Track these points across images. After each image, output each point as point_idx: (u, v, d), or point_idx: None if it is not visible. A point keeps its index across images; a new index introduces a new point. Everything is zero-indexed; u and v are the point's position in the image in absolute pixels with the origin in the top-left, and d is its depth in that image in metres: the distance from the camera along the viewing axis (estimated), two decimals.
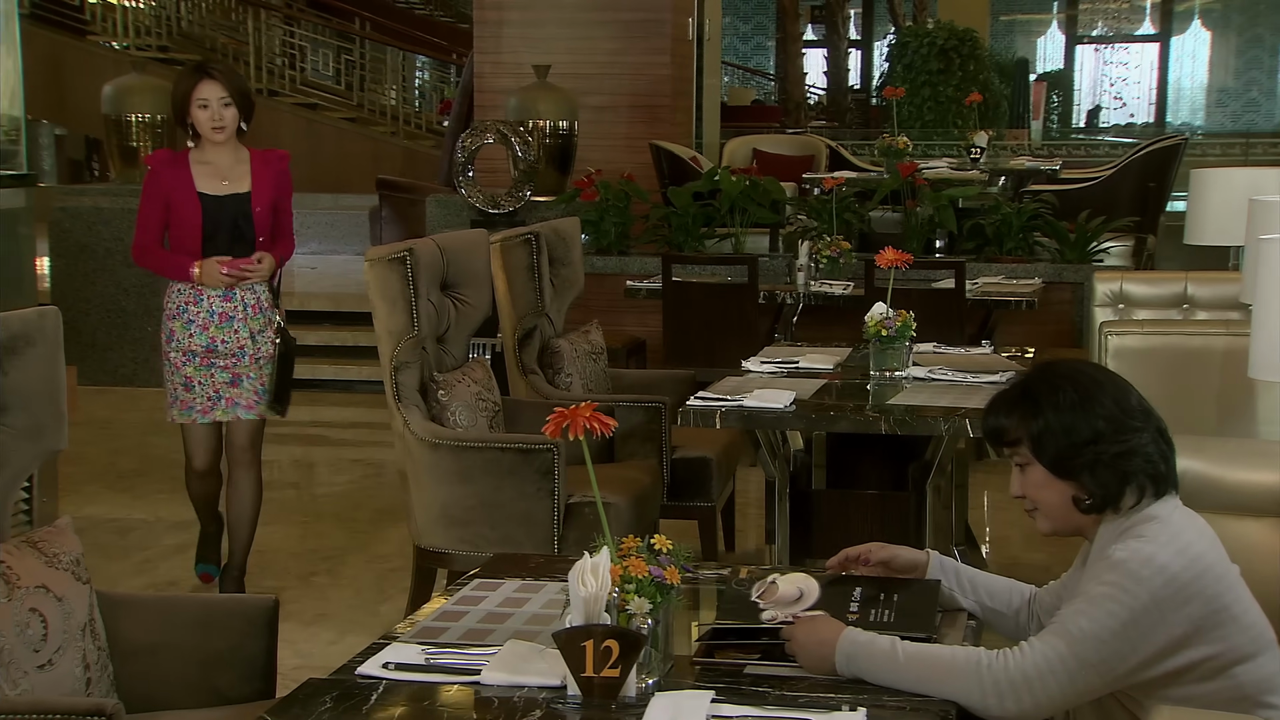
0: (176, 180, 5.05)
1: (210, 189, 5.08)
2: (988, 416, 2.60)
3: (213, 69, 5.08)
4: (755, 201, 7.78)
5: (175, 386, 5.11)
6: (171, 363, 5.10)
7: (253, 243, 5.10)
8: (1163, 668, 2.36)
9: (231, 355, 5.09)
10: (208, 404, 5.11)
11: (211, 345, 5.07)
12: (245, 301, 5.11)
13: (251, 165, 5.13)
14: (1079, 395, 2.47)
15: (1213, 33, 31.69)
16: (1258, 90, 31.05)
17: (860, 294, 6.77)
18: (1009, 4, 28.21)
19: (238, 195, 5.09)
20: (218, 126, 5.01)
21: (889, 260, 4.87)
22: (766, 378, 4.85)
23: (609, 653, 2.36)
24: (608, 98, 9.53)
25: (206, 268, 5.04)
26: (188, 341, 5.07)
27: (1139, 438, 2.45)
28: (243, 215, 5.08)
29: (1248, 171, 5.76)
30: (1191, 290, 5.39)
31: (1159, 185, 8.72)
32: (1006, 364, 4.99)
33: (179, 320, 5.08)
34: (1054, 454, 2.48)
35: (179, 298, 5.09)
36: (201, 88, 5.00)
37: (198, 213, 5.04)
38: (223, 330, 5.09)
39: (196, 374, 5.09)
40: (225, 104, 5.01)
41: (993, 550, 5.95)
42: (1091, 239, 7.47)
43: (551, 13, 9.75)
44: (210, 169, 5.09)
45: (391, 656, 2.55)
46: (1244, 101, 30.99)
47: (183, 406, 5.12)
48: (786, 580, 2.70)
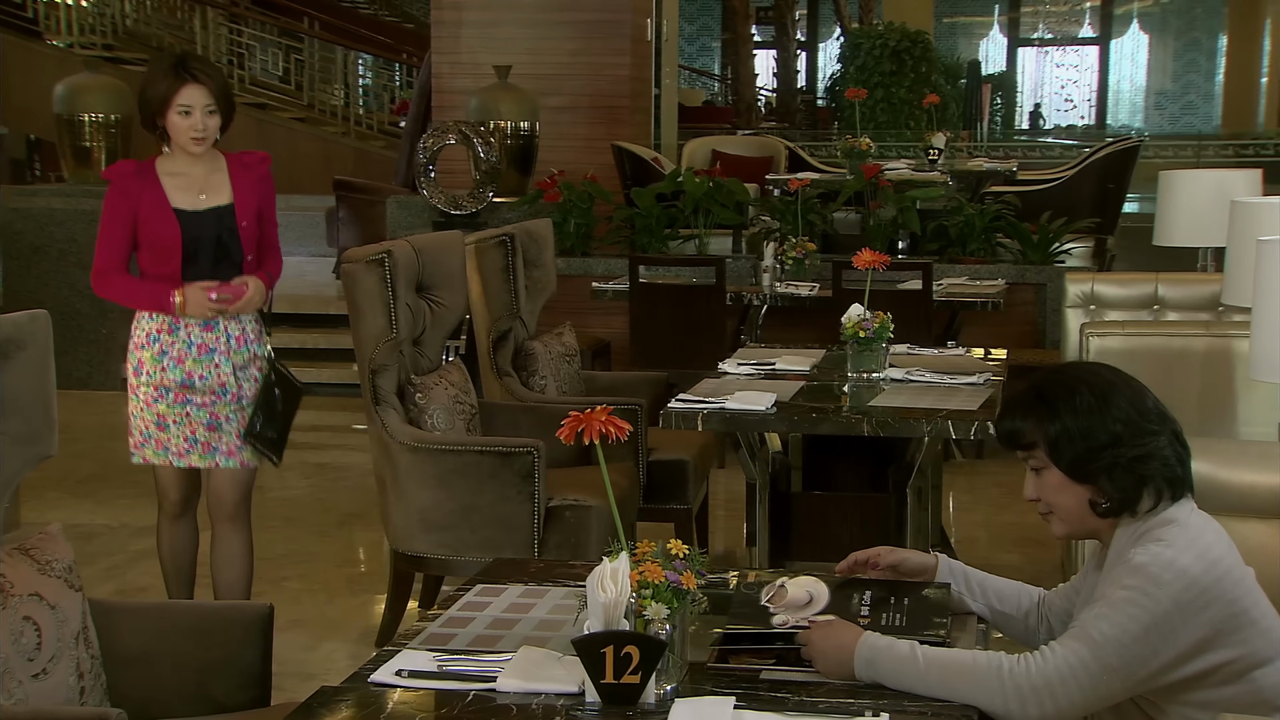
0: (146, 195, 4.32)
1: (186, 203, 4.33)
2: (1002, 419, 2.60)
3: (195, 69, 4.30)
4: (719, 203, 7.78)
5: (145, 424, 4.40)
6: (140, 399, 4.39)
7: (240, 263, 4.40)
8: (1183, 672, 2.36)
9: (210, 393, 4.37)
10: (184, 445, 4.40)
11: (187, 381, 4.35)
12: (229, 332, 4.39)
13: (229, 172, 4.41)
14: (1095, 398, 2.47)
15: (1150, 36, 32.05)
16: (1195, 93, 31.43)
17: (828, 295, 6.78)
18: (952, 6, 28.41)
19: (219, 209, 4.36)
20: (199, 137, 4.29)
21: (867, 261, 4.88)
22: (744, 379, 4.85)
23: (629, 659, 2.34)
24: (567, 98, 9.51)
25: (192, 296, 4.29)
26: (160, 376, 4.35)
27: (1156, 441, 2.45)
28: (227, 231, 4.36)
29: (1215, 173, 5.81)
30: (1162, 291, 5.43)
31: (1117, 187, 8.80)
32: (983, 365, 5.01)
33: (149, 351, 4.36)
34: (1071, 458, 2.48)
35: (150, 324, 4.37)
36: (185, 92, 4.25)
37: (175, 232, 4.29)
38: (201, 364, 4.36)
39: (170, 412, 4.37)
40: (210, 111, 4.28)
41: (961, 552, 5.97)
42: (1053, 240, 7.52)
43: (510, 13, 9.72)
44: (183, 180, 4.36)
45: (404, 663, 2.52)
46: (1182, 104, 31.36)
47: (157, 446, 4.41)
48: (795, 584, 2.70)
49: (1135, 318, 5.37)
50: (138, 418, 4.42)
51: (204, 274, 4.34)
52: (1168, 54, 32.00)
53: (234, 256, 4.39)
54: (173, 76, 4.26)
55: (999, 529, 6.13)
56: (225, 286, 4.32)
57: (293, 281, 10.94)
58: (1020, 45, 29.51)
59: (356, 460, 7.63)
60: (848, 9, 21.59)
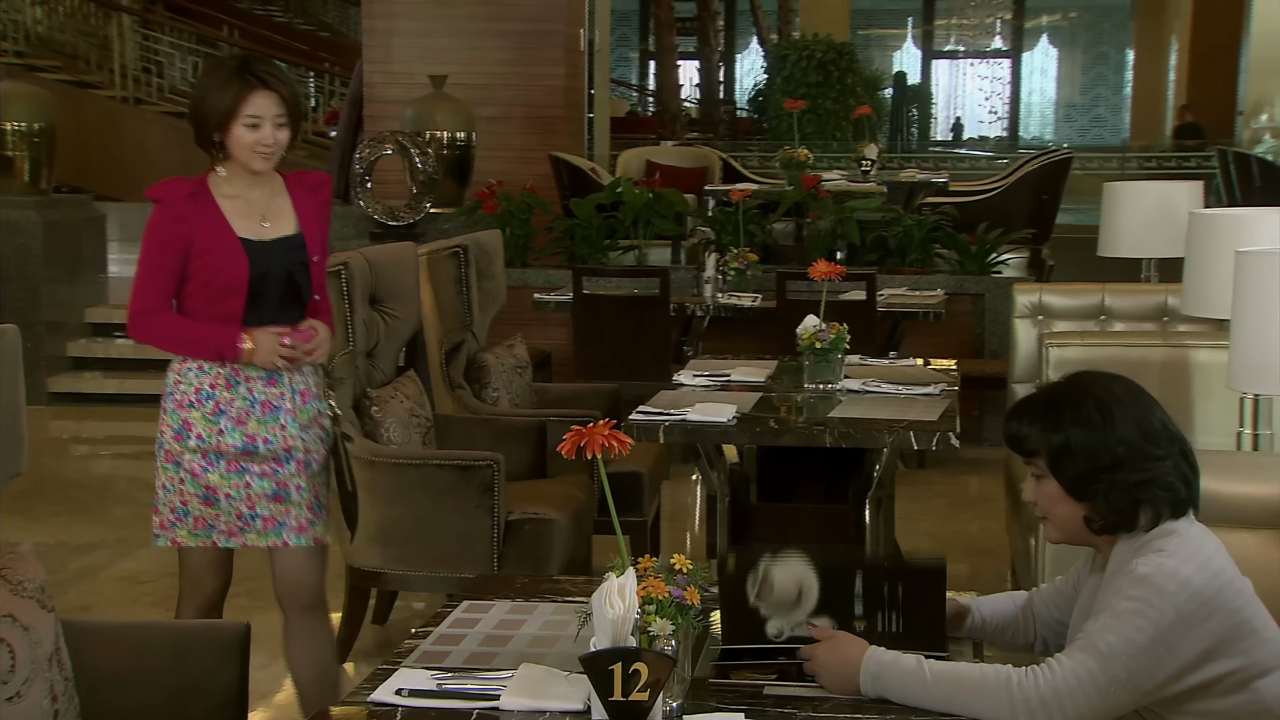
0: (204, 221, 3.57)
1: (250, 232, 3.60)
2: (1010, 421, 2.59)
3: (263, 73, 3.57)
4: (659, 213, 7.78)
5: (186, 499, 3.65)
6: (184, 467, 3.63)
7: (305, 304, 3.70)
8: (1187, 682, 2.37)
9: (274, 459, 3.67)
10: (236, 524, 3.67)
11: (249, 446, 3.64)
12: (294, 386, 3.69)
13: (291, 196, 3.70)
14: (1101, 415, 2.46)
15: (1060, 50, 32.58)
16: (1104, 106, 31.98)
17: (770, 306, 6.80)
18: (867, 19, 28.71)
19: (287, 239, 3.64)
20: (268, 152, 3.57)
21: (822, 272, 4.89)
22: (701, 391, 4.84)
23: (637, 676, 2.32)
24: (501, 108, 9.46)
25: (263, 342, 3.58)
26: (215, 440, 3.62)
27: (1160, 466, 2.44)
28: (298, 267, 3.64)
29: (1159, 185, 5.90)
30: (1109, 301, 5.50)
31: (1051, 198, 8.91)
32: (936, 376, 5.03)
33: (200, 410, 3.62)
34: (1072, 475, 2.48)
35: (201, 378, 3.62)
36: (253, 100, 3.53)
37: (242, 266, 3.57)
38: (265, 425, 3.65)
39: (224, 483, 3.64)
40: (280, 123, 3.56)
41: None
42: (991, 251, 7.60)
43: (443, 23, 9.66)
44: (242, 204, 3.62)
45: (402, 683, 2.49)
46: (1091, 116, 31.90)
47: (197, 525, 3.67)
48: (781, 570, 2.64)
49: (1082, 327, 5.43)
50: (172, 492, 3.66)
51: (269, 317, 3.62)
52: (1076, 67, 32.56)
53: (303, 296, 3.69)
54: (238, 82, 3.55)
55: (946, 539, 6.17)
56: (295, 332, 3.64)
57: None
58: (934, 58, 29.85)
59: None
60: (766, 21, 21.73)
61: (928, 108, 26.05)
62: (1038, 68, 32.01)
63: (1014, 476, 5.20)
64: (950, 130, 28.35)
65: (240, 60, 3.63)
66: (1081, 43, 32.63)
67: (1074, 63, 32.65)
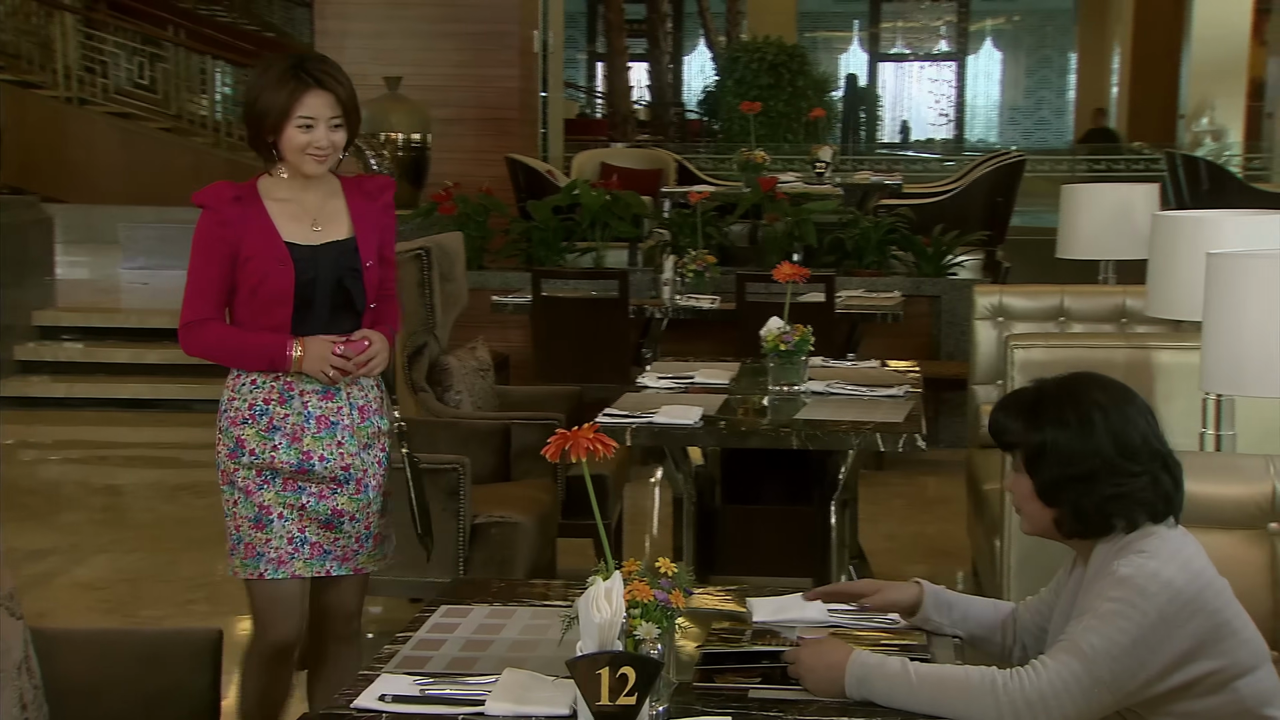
0: (250, 226, 3.39)
1: (298, 236, 3.41)
2: (997, 411, 2.58)
3: (318, 72, 3.39)
4: (616, 215, 7.77)
5: (239, 522, 3.46)
6: (238, 486, 3.44)
7: (360, 313, 3.50)
8: (1169, 683, 2.38)
9: (331, 480, 3.47)
10: (287, 549, 3.45)
11: (305, 463, 3.44)
12: (352, 400, 3.50)
13: (347, 199, 3.52)
14: (1081, 423, 2.45)
15: (1004, 53, 32.82)
16: (1048, 109, 32.24)
17: (730, 308, 6.81)
18: (814, 21, 28.80)
19: (338, 244, 3.45)
20: (320, 155, 3.40)
21: (787, 275, 4.89)
22: (665, 393, 4.83)
23: (624, 680, 2.31)
24: (455, 110, 9.43)
25: (313, 349, 3.40)
26: (269, 456, 3.42)
27: (1133, 482, 2.43)
28: (349, 273, 3.45)
29: (1116, 187, 5.94)
30: (1068, 303, 5.54)
31: (1005, 200, 8.97)
32: (900, 378, 5.05)
33: (254, 426, 3.43)
34: (1045, 479, 2.49)
35: (255, 393, 3.44)
36: (307, 101, 3.35)
37: (289, 273, 3.38)
38: (321, 442, 3.46)
39: (277, 502, 3.44)
40: (335, 125, 3.39)
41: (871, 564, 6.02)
42: (946, 253, 7.63)
43: (396, 24, 9.62)
44: (293, 208, 3.44)
45: (385, 688, 2.47)
46: (1035, 119, 32.15)
47: (247, 552, 3.46)
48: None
49: (1042, 329, 5.46)
50: (229, 516, 3.48)
51: (320, 326, 3.44)
52: (1020, 71, 32.81)
53: (355, 304, 3.49)
54: (293, 82, 3.37)
55: (905, 540, 6.19)
56: (348, 342, 3.45)
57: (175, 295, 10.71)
58: (881, 60, 29.99)
59: None
60: (714, 23, 21.78)
61: (875, 110, 26.15)
62: (982, 71, 32.24)
63: (976, 478, 5.23)
64: (898, 133, 28.49)
65: (295, 59, 3.43)
66: (1025, 46, 32.88)
67: (1018, 66, 32.90)
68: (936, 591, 2.77)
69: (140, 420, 8.61)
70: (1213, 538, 2.64)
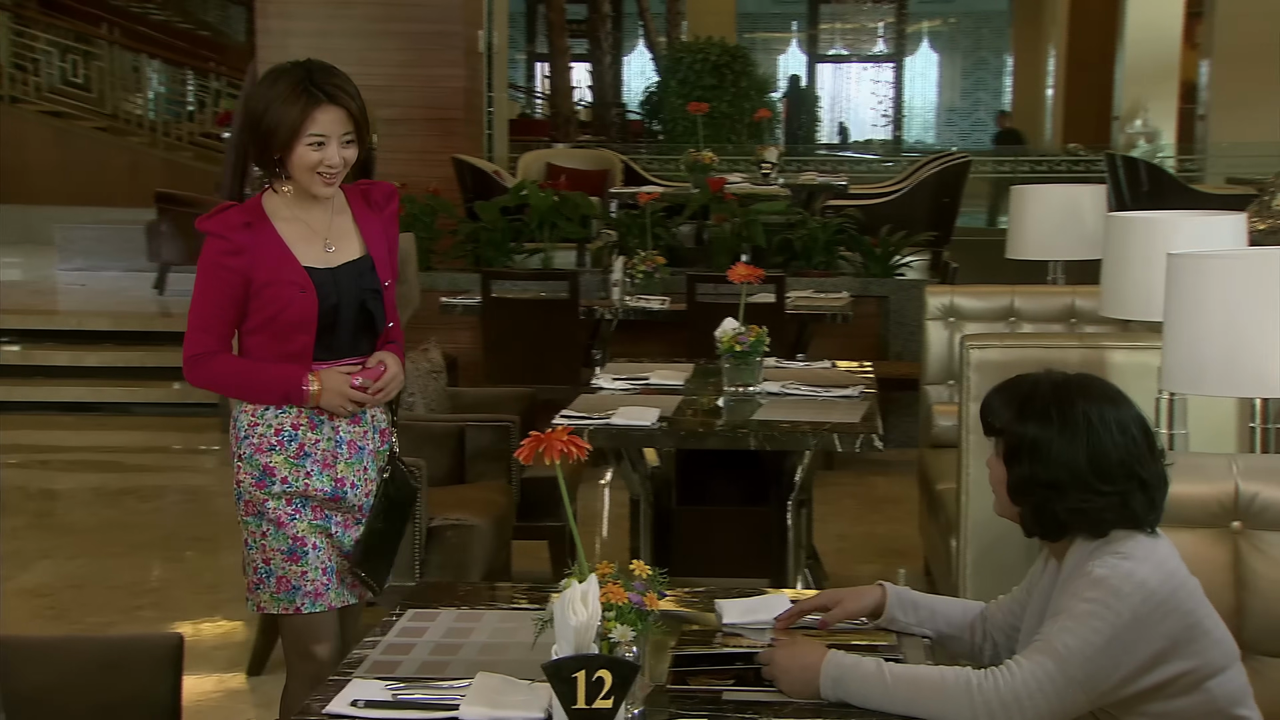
0: (263, 252, 3.18)
1: (314, 259, 3.23)
2: (994, 392, 2.57)
3: (329, 85, 3.18)
4: (564, 216, 7.75)
5: (270, 554, 3.27)
6: (269, 517, 3.25)
7: (378, 336, 3.35)
8: (1142, 684, 2.39)
9: (359, 508, 3.32)
10: (322, 580, 3.28)
11: (337, 491, 3.28)
12: (376, 424, 3.36)
13: (354, 213, 3.31)
14: (1063, 432, 2.44)
15: (941, 55, 33.05)
16: (984, 110, 32.49)
17: (680, 309, 6.81)
18: (753, 22, 28.88)
19: (355, 264, 3.28)
20: (330, 175, 3.21)
21: (742, 275, 4.89)
22: (620, 394, 4.82)
23: (601, 683, 2.30)
24: (400, 110, 9.35)
25: (330, 382, 3.23)
26: (302, 484, 3.25)
27: (1100, 500, 2.43)
28: (370, 295, 3.28)
29: (1064, 188, 5.99)
30: (1018, 304, 5.57)
31: (952, 201, 9.02)
32: (854, 379, 5.06)
33: (283, 453, 3.24)
34: (1016, 476, 2.50)
35: (280, 418, 3.25)
36: (318, 118, 3.15)
37: (311, 299, 3.20)
38: (353, 467, 3.30)
39: (310, 532, 3.27)
40: (347, 141, 3.21)
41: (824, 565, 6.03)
42: (894, 253, 7.67)
43: (339, 23, 9.53)
44: (301, 228, 3.24)
45: (357, 694, 2.44)
46: (972, 120, 32.39)
47: (280, 586, 3.28)
48: None
49: (992, 329, 5.49)
50: (254, 549, 3.28)
51: (342, 351, 3.27)
52: (957, 72, 33.05)
53: (377, 326, 3.32)
54: (304, 97, 3.15)
55: (858, 540, 6.21)
56: (364, 370, 3.29)
57: (114, 297, 10.64)
58: (819, 61, 30.11)
59: (190, 481, 7.43)
60: (654, 24, 21.77)
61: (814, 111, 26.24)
62: (920, 72, 32.45)
63: (929, 478, 5.25)
64: (836, 134, 28.61)
65: (304, 71, 3.20)
66: (962, 48, 33.12)
67: (954, 68, 33.15)
68: (900, 592, 2.77)
69: (80, 424, 8.49)
70: (1177, 537, 2.65)
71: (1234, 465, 2.83)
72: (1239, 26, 17.60)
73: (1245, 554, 2.81)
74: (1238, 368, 3.00)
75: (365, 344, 3.32)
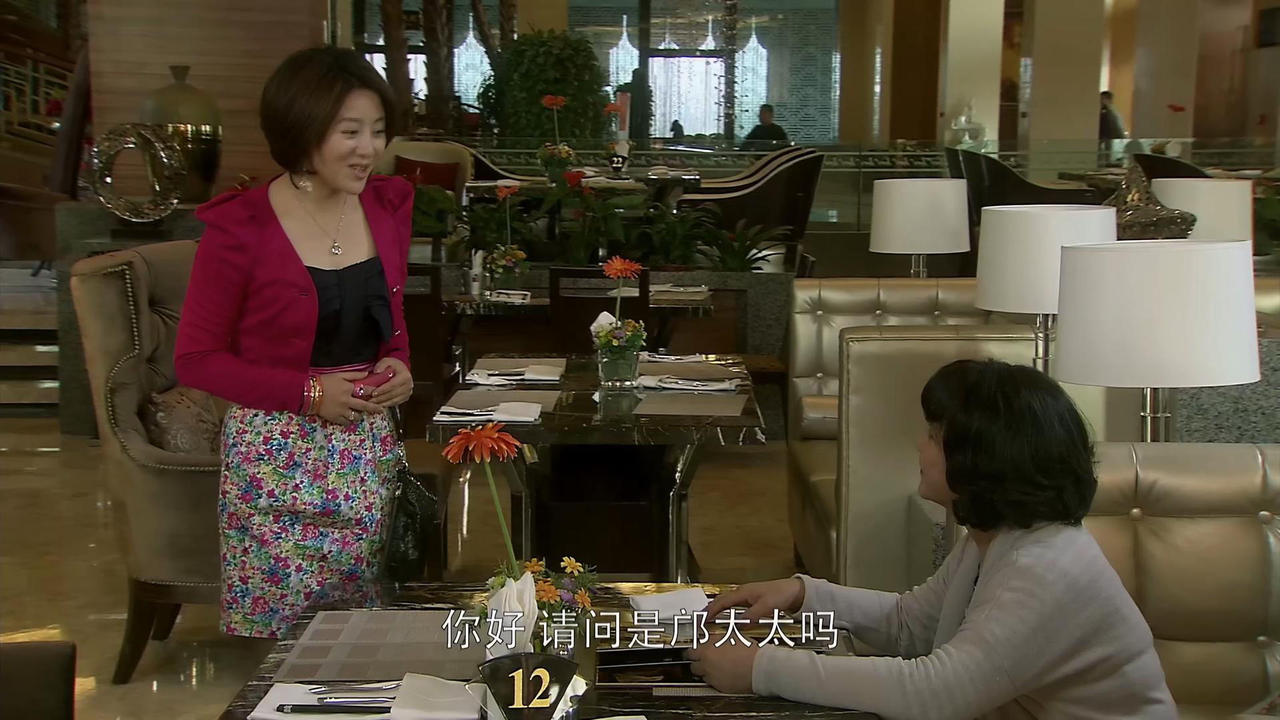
0: (266, 248, 2.98)
1: (319, 260, 3.03)
2: (938, 376, 2.59)
3: (358, 67, 3.00)
4: (420, 210, 7.65)
5: (249, 573, 3.10)
6: (252, 533, 3.08)
7: (386, 341, 3.18)
8: (1064, 670, 2.43)
9: (357, 523, 3.13)
10: (303, 605, 3.06)
11: (330, 504, 3.09)
12: (375, 432, 3.17)
13: (365, 212, 3.12)
14: (1008, 425, 2.47)
15: (769, 51, 33.47)
16: (813, 106, 33.00)
17: (542, 303, 6.77)
18: (584, 16, 28.89)
19: (362, 267, 3.08)
20: (363, 163, 3.01)
21: (619, 270, 4.87)
22: (497, 390, 4.78)
23: (538, 682, 2.27)
24: (244, 101, 9.07)
25: (331, 389, 3.04)
26: (290, 498, 3.07)
27: (1037, 495, 2.46)
28: (376, 301, 3.09)
29: (927, 183, 6.09)
30: (883, 296, 5.65)
31: (805, 195, 9.12)
32: (727, 372, 5.08)
33: (271, 463, 3.06)
34: (956, 464, 2.52)
35: (270, 425, 3.07)
36: (353, 102, 2.96)
37: (312, 303, 3.00)
38: (346, 478, 3.11)
39: (296, 554, 3.08)
40: (378, 129, 3.01)
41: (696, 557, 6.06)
42: (751, 247, 7.72)
43: (177, 10, 9.30)
44: (309, 225, 3.04)
45: (280, 699, 2.38)
46: (801, 116, 32.88)
47: (256, 608, 3.11)
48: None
49: (859, 322, 5.57)
50: (233, 564, 3.12)
51: (345, 357, 3.08)
52: (786, 68, 33.50)
53: (383, 334, 3.14)
54: (338, 83, 2.95)
55: (726, 533, 6.23)
56: (370, 377, 3.10)
57: None
58: (651, 56, 30.26)
59: (44, 485, 7.19)
60: (487, 16, 21.67)
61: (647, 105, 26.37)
62: (750, 68, 32.81)
63: (802, 470, 5.29)
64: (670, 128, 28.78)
65: (330, 56, 3.01)
66: (790, 44, 33.59)
67: (783, 63, 33.60)
68: (818, 585, 2.78)
69: None
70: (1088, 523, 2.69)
71: (1134, 454, 2.91)
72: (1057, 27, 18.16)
73: (1145, 540, 2.89)
74: (1132, 359, 3.07)
75: (367, 352, 3.13)
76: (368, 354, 3.13)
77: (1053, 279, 3.92)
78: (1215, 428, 3.84)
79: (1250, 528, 2.87)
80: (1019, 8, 19.72)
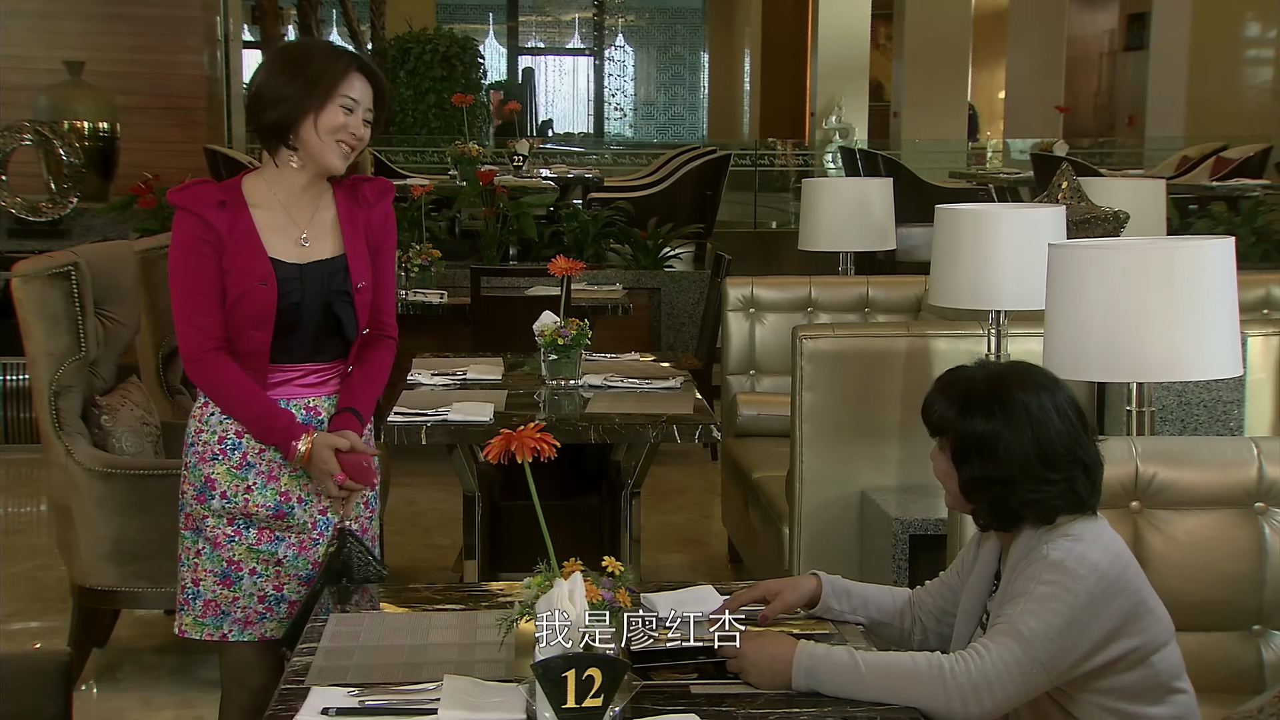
0: (234, 236, 2.95)
1: (284, 252, 3.00)
2: (935, 390, 2.62)
3: (363, 59, 3.07)
4: None
5: (201, 575, 3.05)
6: (205, 535, 3.04)
7: (349, 345, 3.11)
8: (1095, 662, 2.48)
9: (310, 525, 3.08)
10: (256, 609, 3.05)
11: (283, 506, 3.05)
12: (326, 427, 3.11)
13: (339, 210, 3.07)
14: (1009, 427, 2.50)
15: (636, 50, 33.55)
16: (681, 105, 33.14)
17: (460, 302, 6.73)
18: (451, 13, 28.72)
19: (326, 263, 3.04)
20: (353, 143, 3.00)
21: (563, 268, 4.87)
22: (442, 390, 4.74)
23: (591, 682, 2.27)
24: (139, 97, 8.98)
25: (320, 451, 2.99)
26: (242, 500, 3.03)
27: (1051, 489, 2.51)
28: (338, 297, 3.04)
29: (855, 181, 6.18)
30: (815, 294, 5.71)
31: (714, 194, 9.17)
32: (669, 371, 5.10)
33: (225, 463, 3.03)
34: (967, 476, 2.55)
35: (224, 425, 3.04)
36: (355, 81, 2.99)
37: (270, 294, 2.96)
38: (299, 480, 3.06)
39: (249, 558, 3.04)
40: (368, 118, 3.03)
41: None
42: (663, 245, 7.75)
43: (67, 4, 9.09)
44: (279, 217, 3.02)
45: (322, 702, 2.34)
46: (670, 115, 33.00)
47: (207, 610, 3.05)
48: None
49: (791, 320, 5.62)
50: (186, 566, 3.06)
51: (304, 353, 3.04)
52: (654, 67, 33.61)
53: (346, 332, 3.07)
54: (346, 56, 3.01)
55: (661, 530, 6.24)
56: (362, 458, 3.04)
57: None
58: (519, 54, 30.18)
59: None
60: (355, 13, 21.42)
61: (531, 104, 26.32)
62: (618, 66, 32.85)
63: (742, 467, 5.32)
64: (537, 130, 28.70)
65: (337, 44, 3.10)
66: (657, 44, 33.69)
67: (651, 62, 33.70)
68: (834, 581, 2.81)
69: None
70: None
71: (1134, 447, 2.98)
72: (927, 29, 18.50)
73: (1144, 532, 2.96)
74: (1118, 354, 3.15)
75: (332, 349, 3.08)
76: (331, 353, 3.09)
77: (1005, 276, 4.03)
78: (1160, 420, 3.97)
79: (1246, 519, 2.95)
80: (887, 9, 20.05)
